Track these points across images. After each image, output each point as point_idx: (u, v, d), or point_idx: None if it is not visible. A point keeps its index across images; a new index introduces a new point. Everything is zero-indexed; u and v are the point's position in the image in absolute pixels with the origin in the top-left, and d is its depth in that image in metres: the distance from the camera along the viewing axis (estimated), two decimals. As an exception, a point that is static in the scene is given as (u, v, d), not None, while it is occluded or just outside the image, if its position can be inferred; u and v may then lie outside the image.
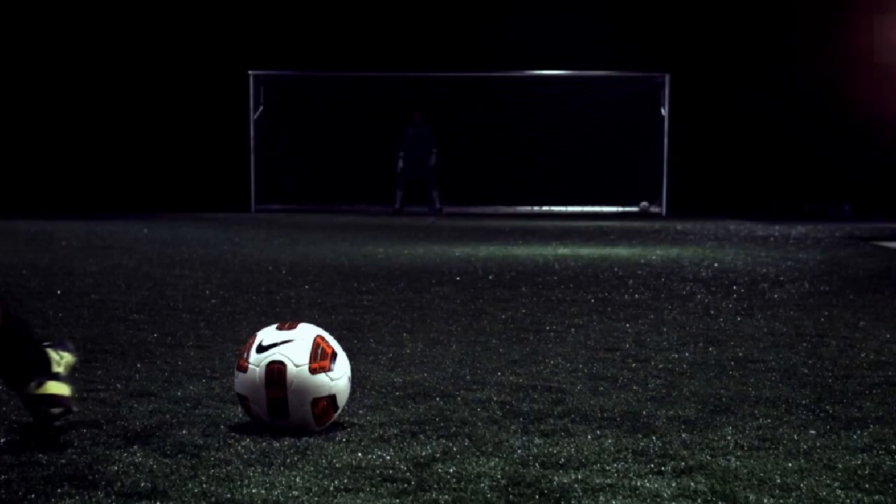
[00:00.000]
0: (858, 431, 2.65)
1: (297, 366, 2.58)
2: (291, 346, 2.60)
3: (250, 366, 2.60)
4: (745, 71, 19.38)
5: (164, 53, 19.06)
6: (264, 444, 2.51)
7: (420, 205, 18.41)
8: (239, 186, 18.96)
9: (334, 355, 2.64)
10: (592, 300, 5.41)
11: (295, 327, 2.67)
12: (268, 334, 2.65)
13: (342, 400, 2.64)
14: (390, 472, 2.29)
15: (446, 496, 2.13)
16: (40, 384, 2.49)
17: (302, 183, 19.32)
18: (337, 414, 2.64)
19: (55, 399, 2.49)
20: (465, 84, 19.39)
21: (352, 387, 2.74)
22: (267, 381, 2.56)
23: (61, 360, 2.54)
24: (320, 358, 2.61)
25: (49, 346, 2.57)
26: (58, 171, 18.21)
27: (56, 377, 2.53)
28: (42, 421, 2.51)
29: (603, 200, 19.39)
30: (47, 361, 2.53)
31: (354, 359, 3.63)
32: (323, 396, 2.58)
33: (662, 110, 19.11)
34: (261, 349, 2.60)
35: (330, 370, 2.61)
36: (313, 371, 2.58)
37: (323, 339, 2.65)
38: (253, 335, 2.69)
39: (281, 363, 2.57)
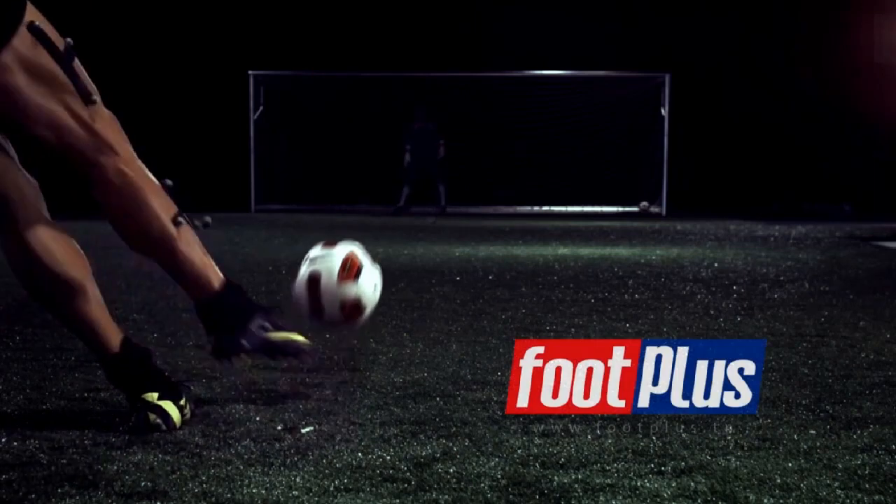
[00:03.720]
0: (858, 431, 2.65)
1: (329, 275, 3.10)
2: (328, 259, 3.14)
3: (300, 274, 3.17)
4: (745, 71, 19.37)
5: (164, 53, 19.06)
6: (264, 444, 2.51)
7: (423, 204, 18.37)
8: (239, 186, 18.97)
9: (360, 269, 3.16)
10: (592, 300, 5.41)
11: (335, 245, 3.20)
12: (315, 250, 3.24)
13: (368, 302, 3.19)
14: (390, 472, 2.29)
15: (446, 496, 2.13)
16: (161, 398, 2.64)
17: (302, 183, 19.33)
18: (366, 314, 3.20)
19: (163, 413, 2.62)
20: (465, 84, 19.39)
21: (354, 383, 2.75)
22: (307, 286, 3.13)
23: (186, 405, 2.70)
24: (348, 270, 3.14)
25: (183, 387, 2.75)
26: (57, 170, 18.23)
27: (178, 404, 2.66)
28: (141, 427, 2.63)
29: (603, 200, 19.40)
30: (178, 391, 2.69)
31: (354, 359, 3.63)
32: (349, 300, 3.09)
33: (662, 110, 19.11)
34: (308, 261, 3.19)
35: (355, 280, 3.13)
36: (340, 280, 3.10)
37: (354, 255, 3.20)
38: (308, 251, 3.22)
39: (318, 272, 3.13)
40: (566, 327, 4.44)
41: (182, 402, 2.68)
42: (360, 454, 2.42)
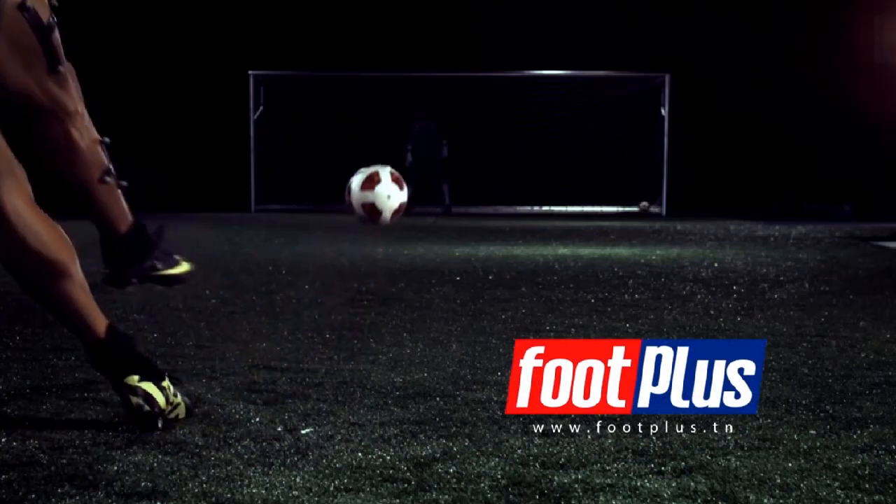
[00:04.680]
0: (858, 431, 2.65)
1: (357, 185, 5.10)
2: (359, 176, 4.81)
3: (348, 186, 4.45)
4: (745, 71, 19.38)
5: (164, 53, 19.06)
6: (264, 444, 2.51)
7: (425, 204, 18.35)
8: (239, 186, 18.96)
9: (378, 181, 4.59)
10: (592, 300, 5.41)
11: (370, 167, 4.54)
12: (360, 169, 4.48)
13: (382, 206, 4.72)
14: (390, 472, 2.29)
15: (446, 496, 2.13)
16: (142, 380, 2.67)
17: (302, 183, 19.31)
18: (385, 216, 4.91)
19: (146, 395, 2.65)
20: (465, 84, 19.38)
21: (354, 383, 2.75)
22: (347, 193, 4.74)
23: (175, 393, 2.72)
24: (368, 182, 4.90)
25: (170, 377, 2.78)
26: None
27: (159, 385, 2.69)
28: (129, 414, 2.67)
29: (603, 200, 19.40)
30: (160, 374, 2.72)
31: (354, 359, 3.64)
32: (368, 203, 5.21)
33: (662, 110, 19.11)
34: (352, 175, 4.43)
35: (372, 190, 4.65)
36: (362, 189, 5.15)
37: (377, 172, 4.58)
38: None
39: (351, 183, 4.79)
40: (566, 327, 4.44)
41: (165, 383, 2.69)
42: (360, 454, 2.43)
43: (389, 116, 18.89)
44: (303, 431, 2.62)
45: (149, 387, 2.65)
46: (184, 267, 3.09)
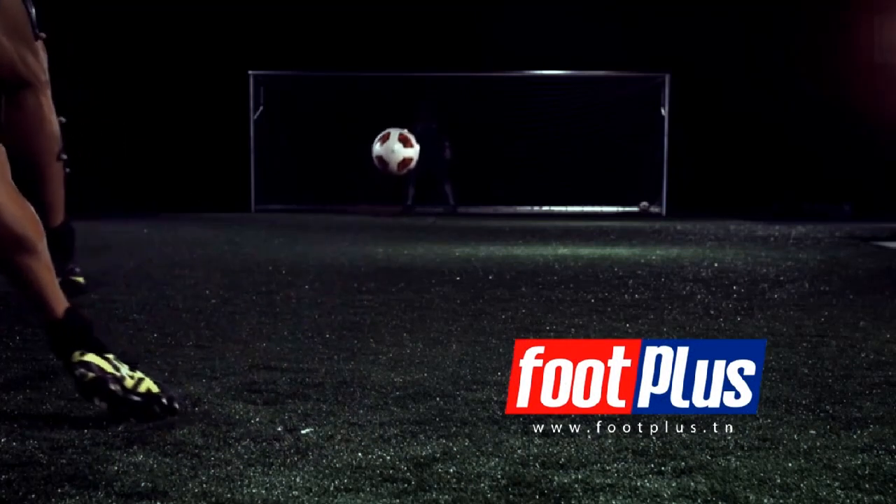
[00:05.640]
0: (858, 431, 2.65)
1: (375, 142, 8.93)
2: (379, 135, 8.15)
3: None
4: (745, 71, 19.37)
5: (163, 53, 19.06)
6: (264, 443, 2.51)
7: (428, 204, 18.33)
8: (239, 186, 18.95)
9: (387, 138, 7.14)
10: (592, 300, 5.41)
11: (386, 129, 7.83)
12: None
13: (388, 159, 7.38)
14: (390, 472, 2.29)
15: (446, 496, 2.13)
16: (83, 353, 2.70)
17: (302, 183, 19.30)
18: (391, 166, 7.43)
19: (93, 366, 2.68)
20: (465, 84, 19.37)
21: (354, 383, 2.76)
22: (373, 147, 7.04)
23: (126, 368, 2.74)
24: (381, 140, 8.76)
25: (126, 360, 2.81)
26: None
27: (104, 356, 2.72)
28: (79, 388, 2.71)
29: (603, 200, 19.39)
30: (103, 347, 2.74)
31: (354, 359, 3.64)
32: (378, 156, 9.64)
33: (662, 110, 19.10)
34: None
35: (382, 145, 7.18)
36: (378, 144, 8.59)
37: (389, 131, 6.80)
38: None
39: (373, 139, 8.26)
40: (566, 327, 4.44)
41: (109, 355, 2.72)
42: (360, 454, 2.43)
43: (389, 116, 18.85)
44: (303, 431, 2.62)
45: (90, 357, 2.69)
46: (81, 277, 3.25)
